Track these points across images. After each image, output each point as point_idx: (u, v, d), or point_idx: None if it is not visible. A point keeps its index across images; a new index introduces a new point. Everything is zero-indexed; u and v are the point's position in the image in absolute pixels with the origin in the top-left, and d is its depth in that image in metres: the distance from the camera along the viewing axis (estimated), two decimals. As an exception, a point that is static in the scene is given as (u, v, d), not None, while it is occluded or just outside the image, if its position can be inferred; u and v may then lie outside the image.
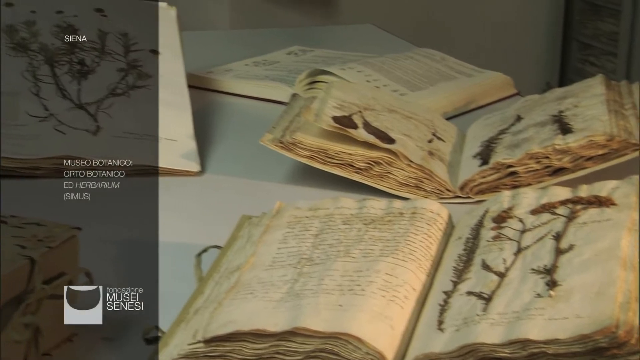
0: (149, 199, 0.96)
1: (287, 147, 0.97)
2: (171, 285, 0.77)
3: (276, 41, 1.56)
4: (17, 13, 1.10)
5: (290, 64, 1.38)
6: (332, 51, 1.46)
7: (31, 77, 1.04)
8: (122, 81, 1.07)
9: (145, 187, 0.98)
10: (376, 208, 0.76)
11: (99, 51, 1.09)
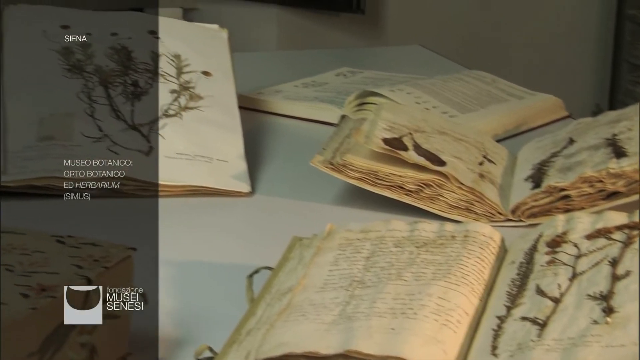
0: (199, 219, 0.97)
1: (337, 169, 0.97)
2: (223, 306, 0.77)
3: (325, 62, 1.57)
4: (73, 35, 1.12)
5: (339, 86, 1.38)
6: (381, 72, 1.46)
7: (86, 98, 1.06)
8: (174, 102, 1.08)
9: (197, 207, 0.99)
10: (428, 231, 0.76)
11: (152, 73, 1.11)
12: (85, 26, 1.14)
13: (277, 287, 0.74)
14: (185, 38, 1.16)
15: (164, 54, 1.13)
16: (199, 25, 1.22)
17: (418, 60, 1.64)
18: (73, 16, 1.15)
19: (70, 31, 1.13)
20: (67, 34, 1.12)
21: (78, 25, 1.14)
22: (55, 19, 1.13)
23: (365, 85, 1.33)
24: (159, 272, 0.81)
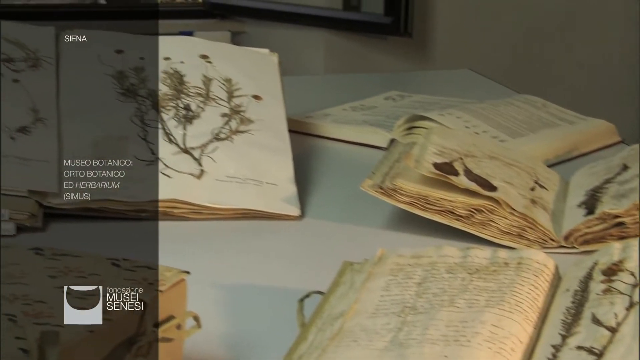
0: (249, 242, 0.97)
1: (387, 193, 0.97)
2: (273, 330, 0.77)
3: (373, 86, 1.57)
4: (127, 59, 1.14)
5: (388, 109, 1.38)
6: (430, 96, 1.46)
7: (139, 121, 1.07)
8: (225, 126, 1.09)
9: (247, 230, 1.00)
10: (480, 257, 0.75)
11: (204, 97, 1.12)
12: (138, 50, 1.15)
13: (329, 311, 0.73)
14: (237, 62, 1.18)
15: (216, 78, 1.14)
16: (250, 49, 1.24)
17: (467, 84, 1.63)
18: (127, 41, 1.17)
19: (124, 55, 1.14)
20: (121, 59, 1.14)
21: (132, 50, 1.15)
22: (110, 44, 1.15)
23: (414, 109, 1.33)
24: (211, 296, 0.82)
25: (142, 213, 0.99)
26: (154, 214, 0.99)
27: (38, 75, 1.07)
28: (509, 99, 1.35)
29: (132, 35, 1.19)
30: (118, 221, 0.98)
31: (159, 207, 0.99)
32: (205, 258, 0.92)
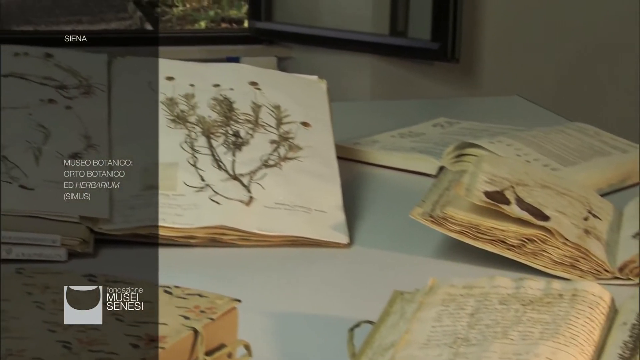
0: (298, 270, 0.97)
1: (437, 222, 0.97)
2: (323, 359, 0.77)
3: (420, 112, 1.57)
4: (177, 86, 1.15)
5: (436, 136, 1.38)
6: (479, 123, 1.45)
7: (189, 148, 1.08)
8: (274, 153, 1.10)
9: (296, 257, 1.00)
10: (534, 288, 0.75)
11: (253, 123, 1.13)
12: (188, 77, 1.17)
13: (379, 342, 0.73)
14: (286, 89, 1.18)
15: (265, 105, 1.15)
16: (298, 76, 1.24)
17: (516, 111, 1.62)
18: (177, 68, 1.19)
19: (175, 82, 1.16)
20: (172, 85, 1.15)
21: (182, 77, 1.17)
22: (161, 71, 1.17)
23: (463, 136, 1.32)
24: (260, 324, 0.82)
25: (191, 239, 1.00)
26: (203, 241, 1.00)
27: (90, 102, 1.09)
28: (560, 127, 1.33)
29: (182, 62, 1.21)
30: (167, 247, 0.99)
31: (208, 234, 1.00)
32: (255, 286, 0.93)
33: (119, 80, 1.15)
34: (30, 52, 1.12)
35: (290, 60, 2.68)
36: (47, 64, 1.12)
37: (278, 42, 2.70)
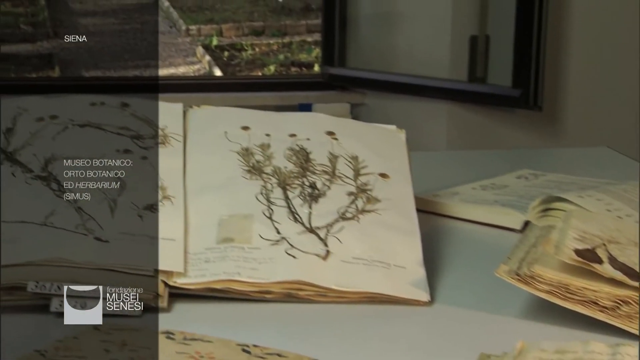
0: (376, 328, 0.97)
1: (524, 281, 0.95)
2: None
3: (502, 163, 1.56)
4: (253, 136, 1.17)
5: (520, 189, 1.36)
6: (565, 175, 1.43)
7: (265, 200, 1.09)
8: (351, 205, 1.10)
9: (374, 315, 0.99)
10: (632, 355, 0.73)
11: (330, 175, 1.13)
12: (264, 127, 1.18)
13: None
14: (363, 139, 1.19)
15: (342, 156, 1.15)
16: (376, 126, 1.25)
17: (605, 162, 1.60)
18: (253, 117, 1.20)
19: (250, 132, 1.17)
20: (248, 135, 1.17)
21: (258, 127, 1.18)
22: (236, 120, 1.19)
23: (549, 190, 1.30)
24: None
25: (267, 294, 1.00)
26: (279, 296, 1.00)
27: (166, 152, 1.11)
28: (653, 180, 1.31)
29: (258, 112, 1.22)
30: (242, 302, 0.99)
31: (284, 289, 1.00)
32: (332, 344, 0.92)
33: (194, 130, 1.17)
34: (106, 101, 1.15)
35: (363, 107, 2.70)
36: (123, 113, 1.14)
37: (351, 88, 2.72)
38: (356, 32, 2.72)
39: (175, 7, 8.80)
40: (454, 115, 2.52)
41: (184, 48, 7.97)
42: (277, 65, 7.39)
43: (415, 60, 2.58)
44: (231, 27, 8.33)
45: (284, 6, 8.54)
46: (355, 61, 2.70)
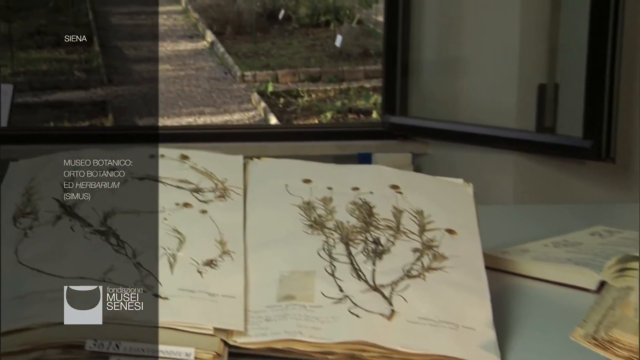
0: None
1: (602, 346, 0.94)
2: None
3: (573, 218, 1.54)
4: (315, 189, 1.18)
5: (595, 247, 1.35)
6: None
7: (327, 256, 1.09)
8: (417, 262, 1.10)
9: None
10: None
11: (394, 230, 1.13)
12: (326, 180, 1.19)
13: None
14: (429, 193, 1.19)
15: (407, 210, 1.15)
16: (442, 179, 1.25)
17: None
18: (315, 170, 1.21)
19: (312, 185, 1.18)
20: (309, 188, 1.17)
21: (319, 179, 1.19)
22: (297, 173, 1.20)
23: (625, 248, 1.29)
24: None
25: (330, 355, 1.00)
26: (341, 357, 1.00)
27: (226, 206, 1.12)
28: None
29: (319, 164, 1.23)
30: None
31: (347, 350, 1.00)
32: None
33: (254, 182, 1.18)
34: (166, 153, 1.17)
35: (426, 157, 2.70)
36: (182, 166, 1.16)
37: (413, 137, 2.72)
38: (418, 79, 2.72)
39: (231, 52, 8.94)
40: (521, 167, 2.50)
41: (239, 94, 8.08)
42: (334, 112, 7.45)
43: (481, 109, 2.58)
44: (287, 73, 8.44)
45: (341, 51, 8.63)
46: (417, 109, 2.71)
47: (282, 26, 9.99)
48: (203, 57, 9.22)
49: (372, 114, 7.26)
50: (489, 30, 2.59)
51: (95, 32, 9.55)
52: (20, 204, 1.10)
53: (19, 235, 1.06)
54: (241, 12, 9.81)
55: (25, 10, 10.42)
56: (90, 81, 8.05)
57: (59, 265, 1.01)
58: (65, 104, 7.47)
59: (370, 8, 10.17)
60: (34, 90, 7.76)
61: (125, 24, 10.50)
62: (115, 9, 11.11)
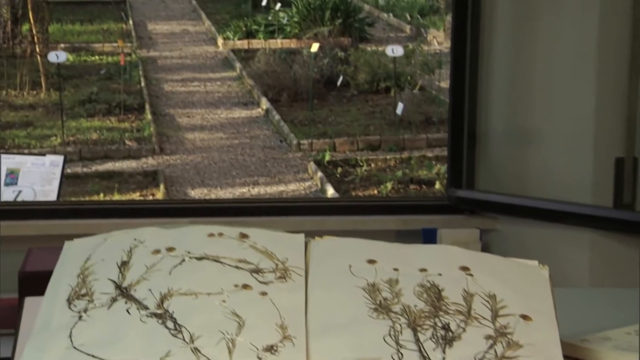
0: None
1: None
2: None
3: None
4: (380, 270, 1.18)
5: (681, 334, 1.32)
6: None
7: (393, 342, 1.08)
8: (490, 350, 1.09)
9: None
10: None
11: (465, 315, 1.12)
12: (392, 260, 1.19)
13: None
14: (501, 275, 1.18)
15: (478, 294, 1.14)
16: (515, 260, 1.24)
17: None
18: (379, 249, 1.21)
19: (377, 266, 1.18)
20: (374, 269, 1.17)
21: (384, 260, 1.19)
22: (361, 253, 1.20)
23: None
24: None
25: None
26: None
27: (286, 288, 1.13)
28: None
29: (384, 243, 1.23)
30: None
31: None
32: None
33: (316, 263, 1.18)
34: (224, 232, 1.18)
35: (495, 233, 2.67)
36: (242, 245, 1.17)
37: (481, 212, 2.70)
38: (486, 150, 2.72)
39: (286, 120, 9.03)
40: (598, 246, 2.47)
41: (295, 164, 8.14)
42: (394, 182, 7.45)
43: (553, 183, 2.56)
44: (345, 142, 8.49)
45: (402, 119, 8.66)
46: (485, 182, 2.70)
47: (340, 93, 10.07)
48: (258, 124, 9.33)
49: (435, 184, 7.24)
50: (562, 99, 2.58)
51: (147, 100, 9.75)
52: (75, 285, 1.12)
53: (74, 318, 1.08)
54: (298, 79, 9.93)
55: (77, 77, 10.68)
56: (141, 150, 8.19)
57: (114, 351, 1.02)
58: (115, 174, 7.60)
59: (432, 74, 10.22)
60: (84, 160, 7.91)
61: (178, 91, 10.70)
62: (167, 75, 11.33)
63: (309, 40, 11.51)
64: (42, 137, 8.40)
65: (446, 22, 12.92)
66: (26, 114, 9.20)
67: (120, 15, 14.59)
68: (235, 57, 11.98)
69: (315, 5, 12.69)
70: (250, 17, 13.36)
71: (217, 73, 11.53)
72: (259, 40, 12.60)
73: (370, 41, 12.77)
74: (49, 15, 11.06)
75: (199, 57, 12.41)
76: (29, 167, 3.07)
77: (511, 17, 2.66)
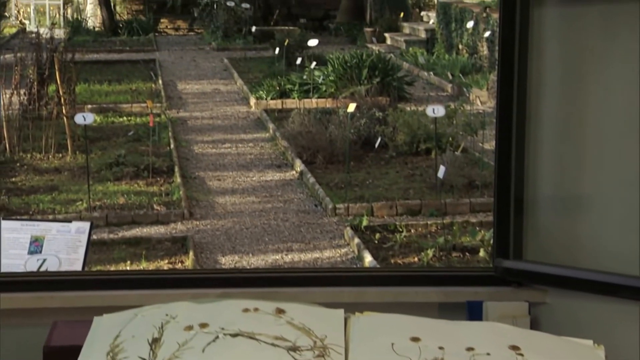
0: None
1: None
2: None
3: None
4: (424, 349, 1.17)
5: None
6: None
7: None
8: None
9: None
10: None
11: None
12: (436, 338, 1.19)
13: None
14: (554, 356, 1.17)
15: (528, 373, 1.14)
16: (568, 340, 1.23)
17: None
18: (423, 327, 1.21)
19: (421, 344, 1.18)
20: (418, 348, 1.17)
21: (429, 337, 1.19)
22: (404, 330, 1.20)
23: None
24: None
25: None
26: None
27: (325, 367, 1.13)
28: None
29: (428, 320, 1.23)
30: None
31: None
32: None
33: (357, 340, 1.18)
34: (260, 307, 1.18)
35: (544, 307, 2.64)
36: (278, 321, 1.17)
37: (529, 284, 2.68)
38: (534, 218, 2.70)
39: (322, 183, 9.05)
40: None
41: (331, 229, 8.13)
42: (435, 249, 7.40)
43: (606, 253, 2.54)
44: (383, 206, 8.48)
45: (443, 182, 8.64)
46: (533, 252, 2.68)
47: (377, 154, 10.10)
48: (291, 187, 9.36)
49: (479, 252, 7.19)
50: (613, 163, 2.57)
51: (176, 162, 9.83)
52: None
53: (103, 398, 1.08)
54: (333, 140, 9.97)
55: (104, 139, 10.80)
56: (170, 215, 8.23)
57: None
58: (143, 240, 7.62)
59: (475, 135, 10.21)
60: (110, 226, 7.95)
61: (209, 152, 10.79)
62: (198, 137, 11.44)
63: (345, 100, 11.58)
64: (68, 202, 8.48)
65: (490, 81, 12.96)
66: (51, 177, 9.31)
67: (149, 74, 14.80)
68: (268, 117, 12.08)
69: (352, 64, 12.79)
70: (284, 76, 13.49)
71: (250, 134, 11.61)
72: (293, 99, 12.71)
73: (409, 100, 12.83)
74: (76, 76, 11.25)
75: (231, 117, 12.53)
76: (54, 234, 3.09)
77: (559, 75, 2.66)
